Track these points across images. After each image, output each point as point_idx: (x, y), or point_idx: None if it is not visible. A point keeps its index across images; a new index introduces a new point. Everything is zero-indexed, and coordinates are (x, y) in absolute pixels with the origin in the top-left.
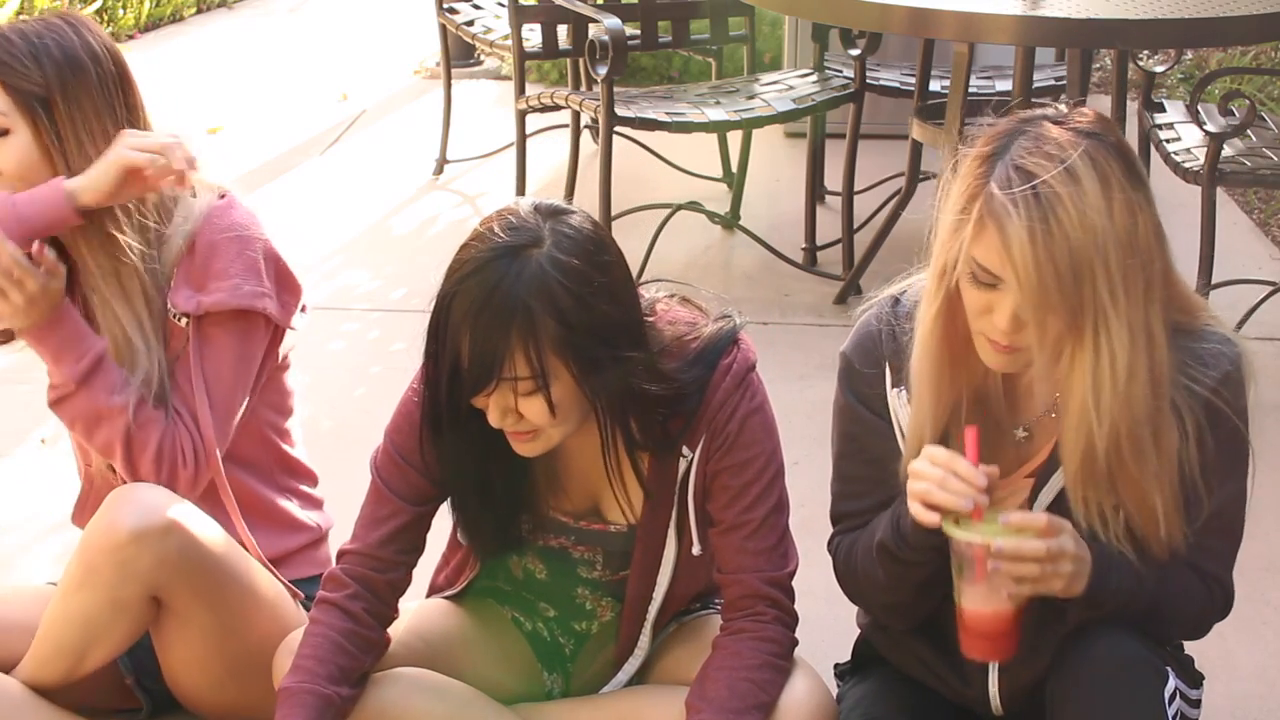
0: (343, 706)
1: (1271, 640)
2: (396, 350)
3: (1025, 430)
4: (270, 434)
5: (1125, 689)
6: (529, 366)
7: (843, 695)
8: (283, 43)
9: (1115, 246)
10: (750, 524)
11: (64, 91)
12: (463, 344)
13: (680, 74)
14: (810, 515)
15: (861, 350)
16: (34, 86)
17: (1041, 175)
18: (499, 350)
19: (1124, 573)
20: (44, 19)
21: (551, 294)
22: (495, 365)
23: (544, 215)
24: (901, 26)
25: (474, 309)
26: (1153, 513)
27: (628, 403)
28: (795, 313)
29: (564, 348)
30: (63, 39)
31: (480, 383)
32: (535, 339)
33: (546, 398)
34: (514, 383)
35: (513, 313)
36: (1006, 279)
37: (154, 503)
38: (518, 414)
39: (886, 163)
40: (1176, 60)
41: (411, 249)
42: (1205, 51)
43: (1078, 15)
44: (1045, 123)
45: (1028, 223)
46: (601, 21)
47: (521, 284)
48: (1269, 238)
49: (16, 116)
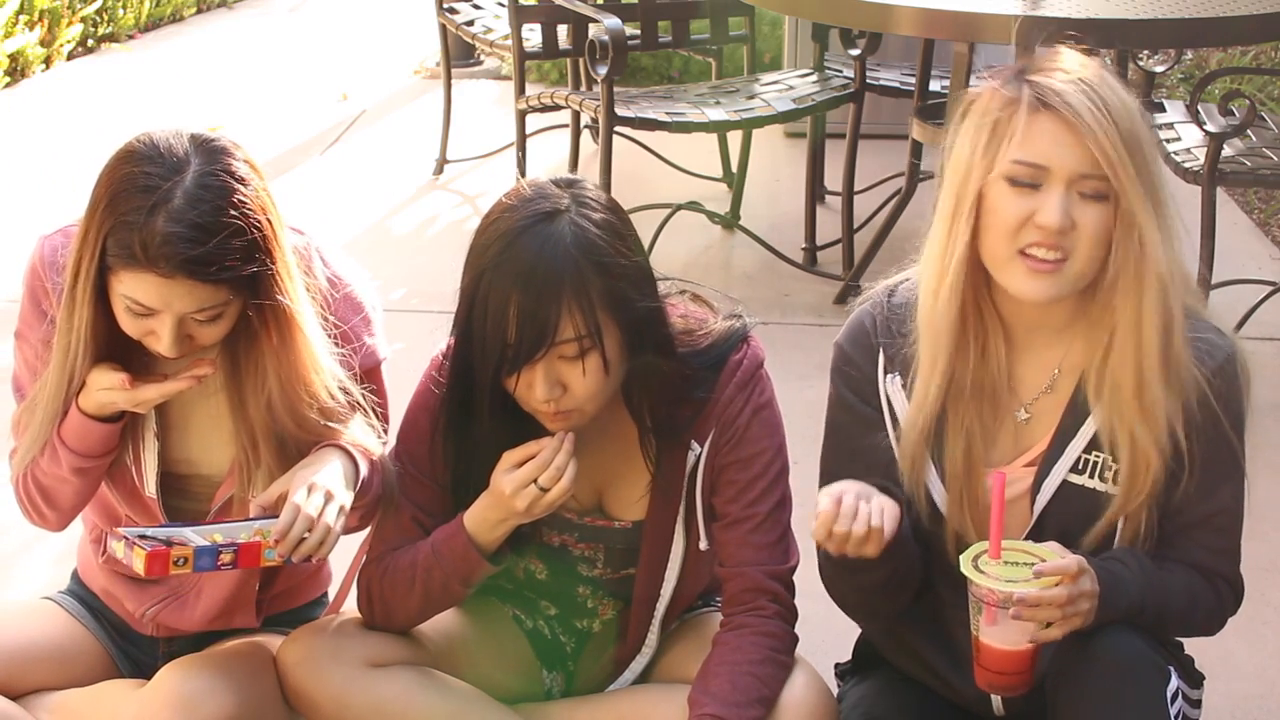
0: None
1: (1271, 640)
2: (396, 350)
3: (1026, 413)
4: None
5: (1128, 688)
6: (585, 323)
7: (843, 695)
8: (283, 43)
9: (1149, 126)
10: (754, 518)
11: (268, 260)
12: (509, 316)
13: (680, 74)
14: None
15: (854, 339)
16: (251, 273)
17: (1073, 69)
18: (551, 313)
19: (1129, 591)
20: (210, 177)
21: (594, 248)
22: (549, 329)
23: (561, 185)
24: (902, 27)
25: (520, 278)
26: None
27: (649, 378)
28: (795, 313)
29: (612, 299)
30: (246, 199)
31: (533, 350)
32: (587, 295)
33: (601, 353)
34: (566, 345)
35: (561, 273)
36: (1056, 166)
37: (208, 698)
38: (562, 386)
39: (886, 163)
40: (1176, 60)
41: (411, 249)
42: (1205, 51)
43: (1078, 15)
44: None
45: (1085, 93)
46: (601, 21)
47: (563, 245)
48: (1269, 238)
49: (234, 299)
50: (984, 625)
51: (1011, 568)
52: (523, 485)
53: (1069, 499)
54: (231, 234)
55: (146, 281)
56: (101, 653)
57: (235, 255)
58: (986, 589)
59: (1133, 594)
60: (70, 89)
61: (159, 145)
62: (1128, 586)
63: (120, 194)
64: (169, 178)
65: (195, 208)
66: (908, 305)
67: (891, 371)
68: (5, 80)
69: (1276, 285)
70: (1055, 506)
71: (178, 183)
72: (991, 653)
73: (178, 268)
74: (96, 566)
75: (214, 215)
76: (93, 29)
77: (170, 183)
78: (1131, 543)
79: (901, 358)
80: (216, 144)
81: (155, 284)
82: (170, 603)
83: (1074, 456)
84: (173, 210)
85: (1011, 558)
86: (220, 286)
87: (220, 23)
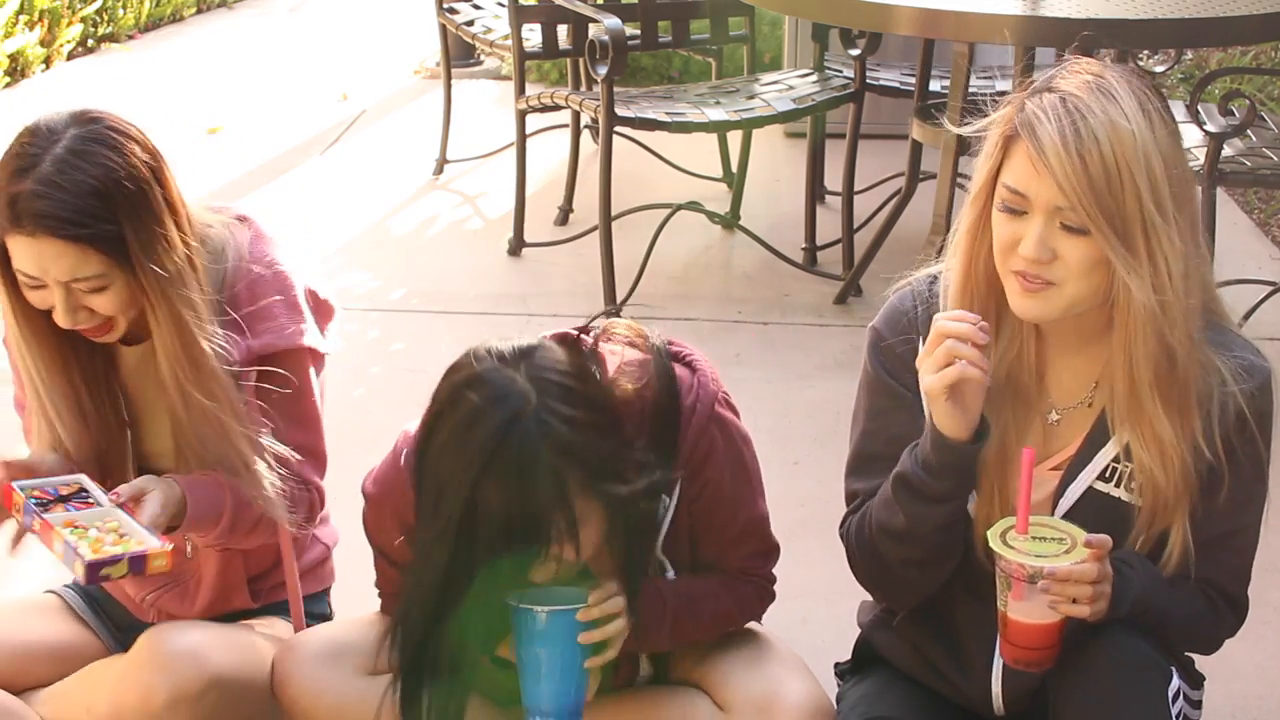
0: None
1: (1271, 640)
2: (396, 350)
3: (1057, 415)
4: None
5: (1130, 688)
6: (569, 531)
7: (842, 695)
8: (283, 43)
9: (1157, 154)
10: (733, 537)
11: (135, 226)
12: (500, 536)
13: (680, 74)
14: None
15: (894, 325)
16: (115, 235)
17: (1073, 90)
18: (544, 528)
19: (1133, 587)
20: (80, 143)
21: (566, 446)
22: (544, 538)
23: (513, 363)
24: (902, 26)
25: (511, 502)
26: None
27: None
28: (795, 313)
29: (590, 486)
30: (112, 166)
31: (529, 555)
32: (566, 501)
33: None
34: (559, 548)
35: (543, 494)
36: (1034, 196)
37: (187, 660)
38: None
39: (886, 163)
40: (1176, 60)
41: (411, 249)
42: (1205, 51)
43: (1078, 15)
44: (1082, 59)
45: (1058, 126)
46: (601, 21)
47: (539, 458)
48: (1269, 238)
49: (113, 270)
50: (1011, 601)
51: (1039, 543)
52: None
53: (1094, 506)
54: (91, 194)
55: (21, 245)
56: (101, 649)
57: (95, 215)
58: (1016, 564)
59: (1136, 591)
60: (70, 89)
61: (41, 123)
62: (1132, 583)
63: (3, 170)
64: (44, 148)
65: (61, 172)
66: (947, 295)
67: None
68: (5, 80)
69: (1276, 285)
70: (1080, 514)
71: (48, 150)
72: (1019, 627)
73: (38, 225)
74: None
75: (74, 174)
76: (93, 29)
77: (43, 151)
78: (1182, 562)
79: None
80: (96, 117)
81: (27, 246)
82: (171, 589)
83: (1103, 463)
84: (39, 174)
85: (1039, 533)
86: (87, 249)
87: (220, 23)
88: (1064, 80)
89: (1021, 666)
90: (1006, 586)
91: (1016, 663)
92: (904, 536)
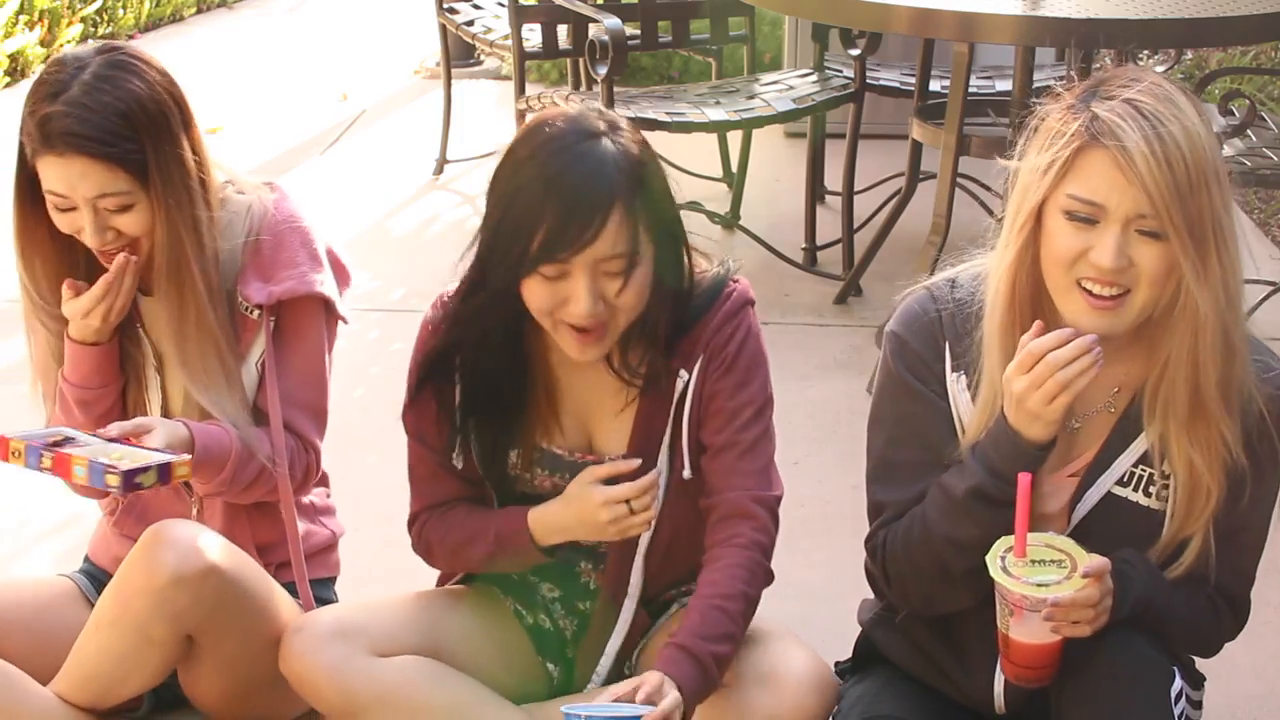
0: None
1: (1271, 640)
2: (396, 350)
3: (1077, 422)
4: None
5: (1132, 688)
6: (631, 239)
7: (843, 694)
8: (283, 43)
9: (1219, 159)
10: (740, 444)
11: (157, 150)
12: (550, 208)
13: (680, 74)
14: (810, 515)
15: (918, 331)
16: (139, 156)
17: (1140, 98)
18: (597, 218)
19: (1134, 587)
20: (106, 69)
21: (640, 169)
22: (593, 226)
23: (593, 111)
24: (902, 26)
25: (567, 178)
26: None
27: (665, 304)
28: (795, 313)
29: (654, 220)
30: (136, 90)
31: (577, 237)
32: (634, 211)
33: (633, 274)
34: (613, 261)
35: (614, 186)
36: (1114, 205)
37: (192, 544)
38: (604, 300)
39: (886, 163)
40: (1176, 60)
41: (411, 249)
42: (1205, 51)
43: (1078, 15)
44: (1128, 69)
45: (1142, 133)
46: (601, 21)
47: (612, 162)
48: (1269, 238)
49: (138, 190)
50: (1013, 624)
51: (1039, 566)
52: (614, 502)
53: (1113, 512)
54: (117, 115)
55: (51, 165)
56: None
57: (120, 134)
58: (1019, 594)
59: (1137, 591)
60: None
61: (68, 54)
62: (1133, 582)
63: (32, 95)
64: (72, 75)
65: (88, 94)
66: (973, 300)
67: (958, 370)
68: (5, 80)
69: (1276, 285)
70: (1098, 520)
71: (76, 76)
72: (1021, 648)
73: (67, 145)
74: (111, 539)
75: (101, 97)
76: (93, 29)
77: (71, 78)
78: (1196, 564)
79: (968, 358)
80: (122, 48)
81: (57, 165)
82: None
83: (1123, 469)
84: (68, 97)
85: (1037, 555)
86: (114, 167)
87: (220, 23)
88: (1122, 87)
89: (1023, 683)
90: (1008, 611)
91: (1018, 679)
92: (978, 545)
